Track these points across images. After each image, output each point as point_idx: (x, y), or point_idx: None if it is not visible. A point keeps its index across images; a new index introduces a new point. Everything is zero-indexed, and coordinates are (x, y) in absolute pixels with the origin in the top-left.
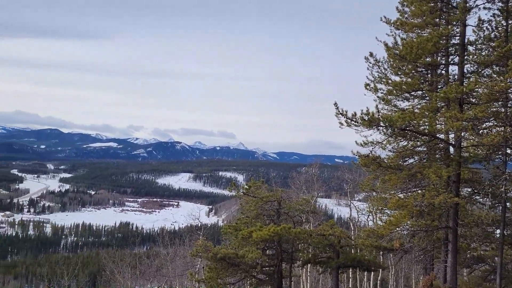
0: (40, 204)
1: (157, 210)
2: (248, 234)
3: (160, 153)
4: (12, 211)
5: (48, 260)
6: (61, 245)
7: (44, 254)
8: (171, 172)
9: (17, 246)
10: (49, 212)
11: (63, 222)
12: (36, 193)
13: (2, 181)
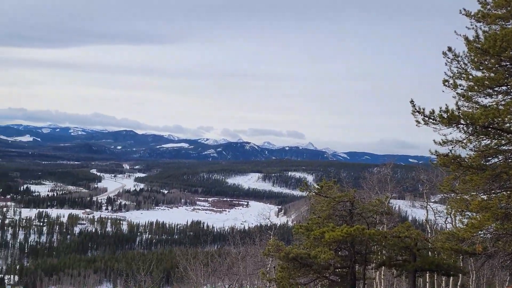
0: (117, 202)
1: (227, 210)
2: (320, 234)
3: (229, 153)
4: (91, 208)
5: (125, 256)
6: (137, 242)
7: (121, 250)
8: (240, 172)
9: (96, 242)
10: (125, 210)
11: (138, 220)
12: (113, 191)
13: (82, 180)
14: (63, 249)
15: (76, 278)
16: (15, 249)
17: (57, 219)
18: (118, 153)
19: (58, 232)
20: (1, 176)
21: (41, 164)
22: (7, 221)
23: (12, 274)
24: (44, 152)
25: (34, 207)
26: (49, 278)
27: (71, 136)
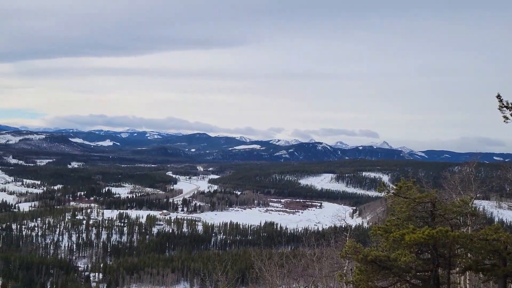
0: (192, 203)
1: (300, 211)
2: (400, 236)
3: (301, 154)
4: (168, 209)
5: (201, 256)
6: (212, 242)
7: (197, 250)
8: (313, 172)
9: (173, 242)
10: (200, 211)
11: (213, 220)
12: (189, 193)
13: (159, 182)
14: (142, 248)
15: (155, 276)
16: (99, 248)
17: (137, 219)
18: (192, 156)
19: (137, 232)
20: (85, 179)
21: (121, 167)
22: (91, 221)
23: (96, 271)
24: (123, 156)
25: (115, 208)
26: (130, 276)
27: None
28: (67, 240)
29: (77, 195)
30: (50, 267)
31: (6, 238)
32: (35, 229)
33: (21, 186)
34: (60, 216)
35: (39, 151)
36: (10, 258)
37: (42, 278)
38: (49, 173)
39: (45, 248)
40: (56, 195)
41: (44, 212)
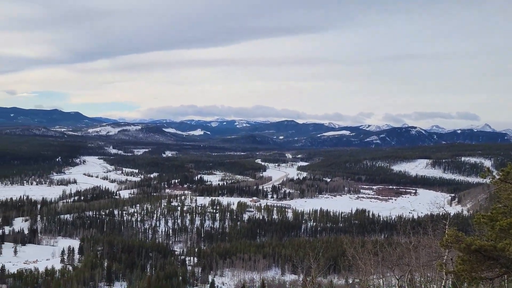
0: (281, 190)
1: (393, 198)
2: (507, 225)
3: (393, 139)
4: (258, 196)
5: (291, 242)
6: (302, 229)
7: (287, 237)
8: (406, 158)
9: (264, 229)
10: (289, 198)
11: (302, 207)
12: (277, 180)
13: (249, 170)
14: (234, 234)
15: (247, 262)
16: (193, 233)
17: (228, 206)
18: (280, 143)
19: (229, 219)
20: (179, 167)
21: (212, 156)
22: (185, 208)
23: (191, 256)
24: (213, 144)
25: (207, 195)
26: (223, 261)
27: (237, 128)
28: (164, 225)
29: (172, 182)
30: (149, 251)
31: (109, 222)
32: (135, 215)
33: (121, 174)
34: (156, 202)
35: (136, 141)
36: (114, 242)
37: (142, 261)
38: (145, 162)
39: (144, 232)
40: (152, 182)
41: (142, 199)
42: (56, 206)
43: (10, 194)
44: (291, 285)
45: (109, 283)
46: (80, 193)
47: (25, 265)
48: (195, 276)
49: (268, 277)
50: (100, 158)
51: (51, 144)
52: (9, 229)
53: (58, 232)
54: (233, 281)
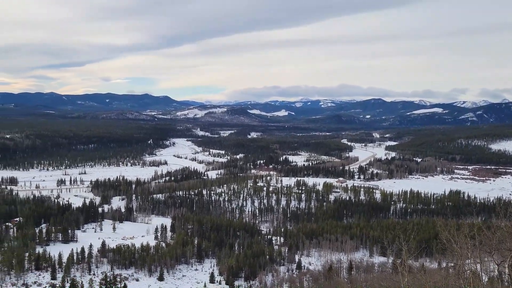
0: (368, 171)
1: (492, 179)
2: None
3: (492, 116)
4: (344, 177)
5: (380, 224)
6: (391, 210)
7: (375, 218)
8: (507, 136)
9: (350, 210)
10: (377, 179)
11: (391, 188)
12: (364, 160)
13: (334, 150)
14: (320, 215)
15: (334, 243)
16: (279, 213)
17: (313, 187)
18: (366, 122)
19: (315, 199)
20: (264, 148)
21: (296, 136)
22: (271, 188)
23: (278, 235)
24: (298, 125)
25: (292, 175)
26: (310, 241)
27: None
28: (250, 205)
29: (257, 163)
30: (237, 229)
31: (198, 202)
32: (222, 195)
33: (208, 155)
34: (243, 183)
35: (222, 123)
36: (203, 220)
37: (230, 239)
38: (231, 143)
39: (231, 212)
40: (238, 163)
41: (229, 179)
42: (149, 186)
43: (107, 175)
44: (380, 267)
45: (200, 260)
46: (170, 173)
47: (122, 241)
48: (282, 256)
49: (355, 258)
50: (188, 140)
51: (143, 127)
52: (108, 207)
53: (151, 210)
54: (320, 261)
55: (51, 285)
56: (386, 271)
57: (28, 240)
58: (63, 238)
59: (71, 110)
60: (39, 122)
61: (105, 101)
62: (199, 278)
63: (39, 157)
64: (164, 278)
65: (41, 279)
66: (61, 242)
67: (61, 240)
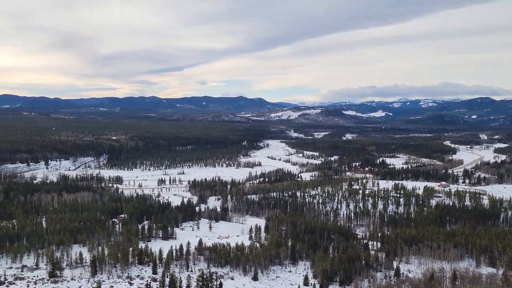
0: (474, 175)
1: None
2: None
3: None
4: (447, 181)
5: (488, 232)
6: (501, 218)
7: (482, 225)
8: None
9: (454, 216)
10: (484, 184)
11: (501, 194)
12: (470, 164)
13: (435, 152)
14: (420, 220)
15: (436, 250)
16: (376, 217)
17: (413, 191)
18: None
19: (414, 204)
20: (359, 150)
21: (394, 138)
22: (367, 191)
23: (374, 240)
24: (396, 126)
25: (390, 179)
26: (409, 248)
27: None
28: (345, 208)
29: (352, 165)
30: (331, 233)
31: (292, 204)
32: (316, 197)
33: (302, 157)
34: (337, 185)
35: (315, 125)
36: (297, 222)
37: (324, 242)
38: (325, 145)
39: (325, 214)
40: (333, 165)
41: (323, 181)
42: (243, 187)
43: (204, 175)
44: (488, 278)
45: (293, 262)
46: (264, 175)
47: (218, 240)
48: (378, 261)
49: (460, 268)
50: (282, 142)
51: (237, 129)
52: (204, 207)
53: (246, 211)
54: (420, 269)
55: (153, 279)
56: (496, 283)
57: (132, 236)
58: (163, 235)
59: (171, 113)
60: (141, 124)
61: (202, 104)
62: (293, 280)
63: (141, 157)
64: (258, 278)
65: (144, 273)
66: (161, 239)
67: (161, 237)
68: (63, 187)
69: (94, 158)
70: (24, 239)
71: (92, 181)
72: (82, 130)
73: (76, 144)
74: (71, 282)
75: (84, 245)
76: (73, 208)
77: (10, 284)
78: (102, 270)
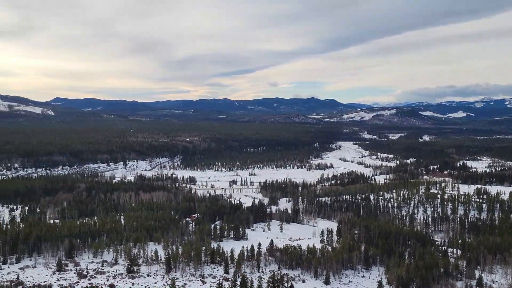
0: None
1: None
2: None
3: None
4: None
5: None
6: None
7: None
8: None
9: None
10: None
11: None
12: None
13: None
14: (506, 228)
15: None
16: (455, 223)
17: (497, 196)
18: None
19: (499, 210)
20: (438, 152)
21: (476, 140)
22: (446, 196)
23: (454, 247)
24: (478, 127)
25: (471, 183)
26: (493, 256)
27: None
28: (422, 213)
29: (430, 168)
30: (407, 238)
31: (365, 207)
32: (391, 201)
33: (375, 159)
34: (413, 189)
35: (390, 126)
36: (370, 226)
37: (399, 248)
38: (401, 147)
39: (401, 219)
40: (408, 168)
41: (398, 184)
42: (315, 189)
43: (275, 177)
44: None
45: (367, 267)
46: (336, 177)
47: (289, 242)
48: (458, 270)
49: None
50: (354, 143)
51: (308, 131)
52: (275, 208)
53: (317, 213)
54: (506, 280)
55: (224, 279)
56: None
57: (204, 235)
58: (235, 236)
59: (242, 114)
60: (214, 126)
61: (273, 106)
62: (366, 286)
63: (214, 158)
64: (330, 282)
65: (216, 272)
66: (233, 239)
67: (233, 237)
68: (140, 186)
69: (169, 159)
70: (104, 236)
71: (167, 181)
72: (157, 131)
73: (152, 145)
74: (147, 278)
75: (159, 243)
76: (149, 207)
77: (91, 278)
78: (176, 267)
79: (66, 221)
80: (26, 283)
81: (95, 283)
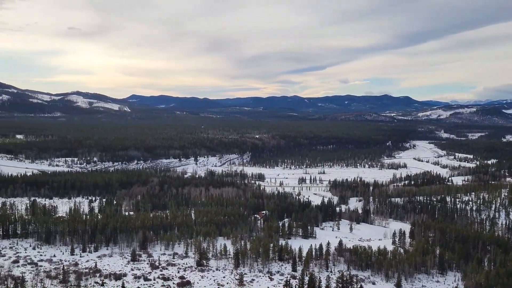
0: None
1: None
2: None
3: None
4: None
5: None
6: None
7: None
8: None
9: None
10: None
11: None
12: None
13: None
14: None
15: None
16: None
17: None
18: None
19: None
20: None
21: None
22: None
23: None
24: None
25: None
26: None
27: None
28: (504, 217)
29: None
30: (487, 243)
31: (441, 209)
32: (469, 203)
33: (453, 159)
34: (495, 191)
35: (470, 125)
36: (446, 229)
37: (478, 253)
38: (481, 147)
39: (480, 223)
40: (490, 169)
41: (478, 187)
42: (387, 189)
43: (345, 175)
44: None
45: (442, 272)
46: (410, 177)
47: (359, 242)
48: None
49: None
50: (430, 143)
51: (381, 129)
52: (345, 208)
53: (389, 214)
54: None
55: (292, 276)
56: None
57: (272, 232)
58: (303, 234)
59: (312, 112)
60: (283, 123)
61: (344, 103)
62: None
63: (282, 156)
64: (401, 285)
65: (283, 269)
66: (301, 237)
67: (301, 235)
68: (210, 182)
69: (238, 155)
70: (176, 229)
71: (236, 177)
72: (227, 128)
73: (222, 142)
74: (216, 272)
75: (228, 238)
76: (219, 202)
77: (163, 269)
78: (244, 263)
79: (140, 213)
80: (103, 271)
81: (166, 274)
